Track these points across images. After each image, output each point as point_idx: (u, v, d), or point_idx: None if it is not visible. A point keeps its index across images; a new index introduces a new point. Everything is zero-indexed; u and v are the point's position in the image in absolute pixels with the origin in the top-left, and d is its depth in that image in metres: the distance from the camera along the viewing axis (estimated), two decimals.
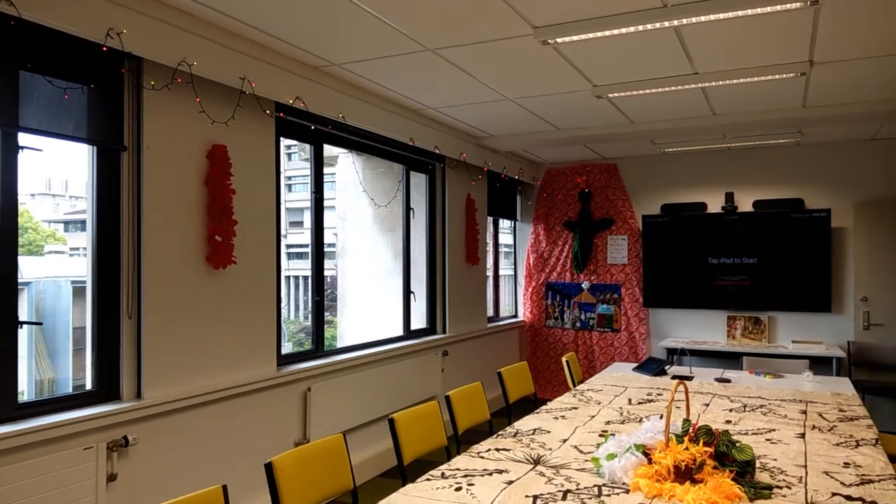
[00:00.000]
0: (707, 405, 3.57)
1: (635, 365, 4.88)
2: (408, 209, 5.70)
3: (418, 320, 5.81)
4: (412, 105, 4.94)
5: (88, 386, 3.03)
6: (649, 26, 3.18)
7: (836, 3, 3.01)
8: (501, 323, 7.26)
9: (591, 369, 7.18)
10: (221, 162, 3.43)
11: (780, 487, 2.23)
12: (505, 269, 8.00)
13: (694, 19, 3.08)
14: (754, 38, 3.48)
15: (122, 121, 3.05)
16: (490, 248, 7.34)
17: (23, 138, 2.70)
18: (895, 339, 5.96)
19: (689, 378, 4.39)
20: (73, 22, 2.64)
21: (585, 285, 7.39)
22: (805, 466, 2.47)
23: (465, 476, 2.38)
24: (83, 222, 3.09)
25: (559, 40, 3.36)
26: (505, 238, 8.03)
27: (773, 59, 3.83)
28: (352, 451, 4.47)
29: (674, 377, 4.42)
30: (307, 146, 4.55)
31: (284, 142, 4.16)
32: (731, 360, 6.14)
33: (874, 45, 3.57)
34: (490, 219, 7.21)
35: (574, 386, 4.53)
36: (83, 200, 3.10)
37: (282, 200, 4.06)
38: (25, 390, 2.74)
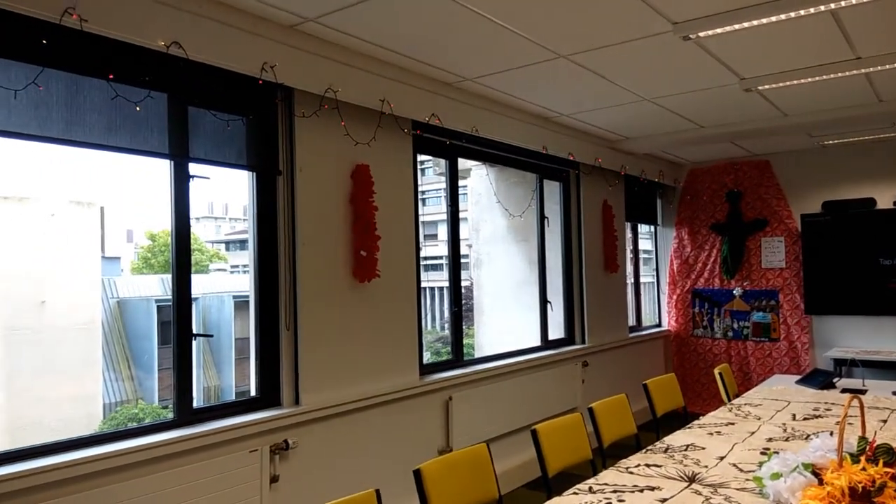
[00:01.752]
0: (885, 421, 3.21)
1: (798, 377, 4.49)
2: (542, 218, 5.65)
3: (556, 330, 5.73)
4: (545, 113, 4.91)
5: (252, 392, 3.29)
6: (802, 12, 2.94)
7: None
8: (644, 333, 6.98)
9: (747, 382, 6.68)
10: (364, 180, 3.61)
11: None
12: (646, 277, 7.68)
13: (854, 0, 2.80)
14: None
15: (276, 147, 3.30)
16: (629, 255, 7.08)
17: (193, 168, 3.00)
18: None
19: (863, 391, 3.97)
20: (233, 59, 2.91)
21: (737, 292, 6.91)
22: None
23: (615, 492, 2.30)
24: (242, 242, 3.39)
25: (701, 34, 3.20)
26: (645, 244, 7.72)
27: None
28: (494, 460, 4.49)
29: (844, 390, 4.03)
30: (442, 161, 4.66)
31: (419, 158, 4.29)
32: None
33: None
34: (628, 224, 6.97)
35: (729, 400, 4.24)
36: (241, 222, 3.40)
37: (419, 214, 4.18)
38: (195, 397, 3.03)
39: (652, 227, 7.58)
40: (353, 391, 3.55)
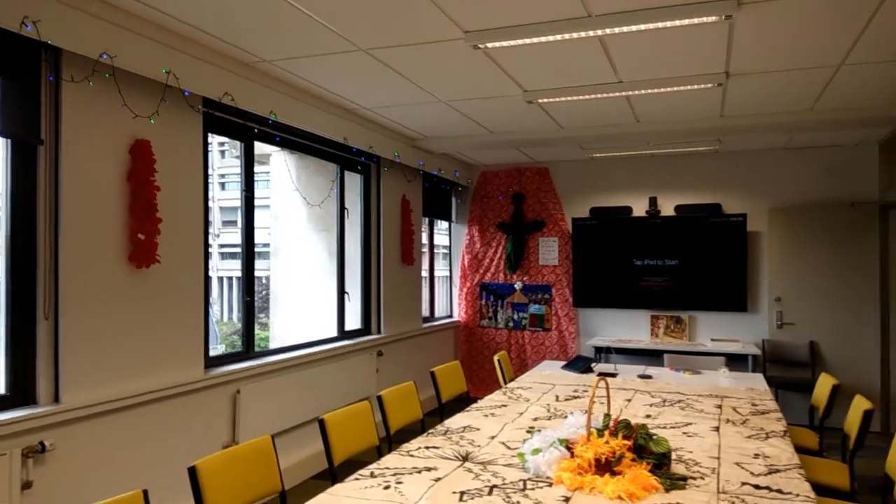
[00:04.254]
0: (629, 401, 3.72)
1: (564, 363, 5.02)
2: (342, 209, 5.67)
3: (353, 321, 5.78)
4: (346, 104, 4.93)
5: (1, 390, 2.89)
6: (575, 35, 3.29)
7: (748, 19, 3.19)
8: (437, 323, 7.31)
9: (524, 368, 7.33)
10: (145, 157, 3.33)
11: (695, 478, 2.35)
12: (441, 270, 8.06)
13: (616, 30, 3.20)
14: (674, 49, 3.65)
15: (38, 113, 2.92)
16: (426, 249, 7.38)
17: None
18: (805, 338, 6.35)
19: (614, 375, 4.55)
20: None
21: (518, 286, 7.54)
22: (718, 458, 2.61)
23: (395, 475, 2.40)
24: None
25: (489, 45, 3.43)
26: (441, 239, 8.09)
27: (691, 70, 4.02)
28: (285, 453, 4.43)
29: (599, 374, 4.57)
30: (238, 143, 4.46)
31: (216, 139, 4.06)
32: (653, 357, 6.40)
33: (785, 60, 3.80)
34: (426, 219, 7.25)
35: (505, 384, 4.62)
36: None
37: (211, 198, 3.97)
38: None
39: (448, 224, 7.96)
40: (127, 387, 3.27)
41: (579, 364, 4.85)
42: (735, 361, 5.90)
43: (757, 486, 2.27)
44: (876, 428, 5.98)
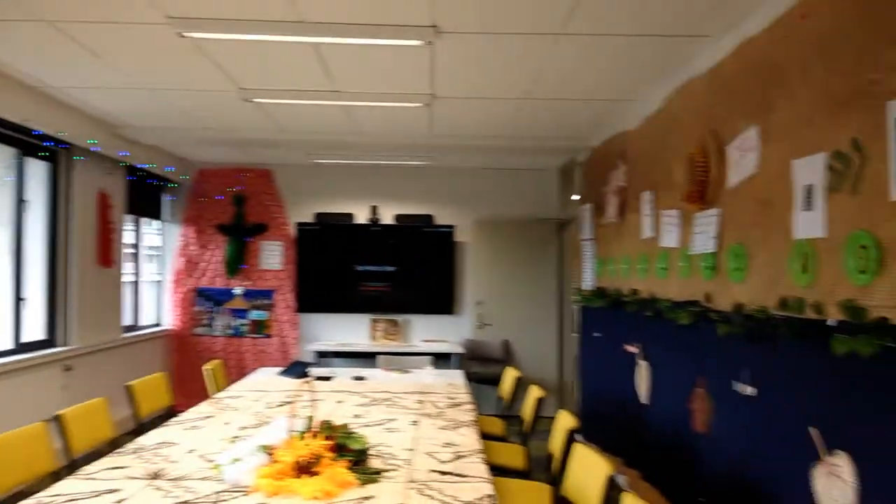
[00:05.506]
0: (341, 402, 3.81)
1: (281, 369, 4.96)
2: (20, 201, 4.85)
3: (34, 331, 4.97)
4: (26, 80, 4.24)
5: None
6: (287, 38, 3.29)
7: (447, 47, 3.49)
8: (142, 332, 6.66)
9: (243, 377, 7.03)
10: None
11: (389, 470, 2.49)
12: (150, 275, 7.35)
13: (327, 39, 3.27)
14: (385, 66, 3.85)
15: None
16: (131, 250, 6.67)
17: None
18: (500, 336, 7.17)
19: (329, 378, 4.63)
20: None
21: (238, 291, 7.24)
22: (413, 450, 2.80)
23: (70, 501, 2.12)
24: None
25: (196, 35, 3.25)
26: (153, 240, 7.39)
27: (402, 88, 4.29)
28: None
29: (317, 378, 4.60)
30: None
31: None
32: (372, 359, 6.64)
33: (481, 88, 4.26)
34: (131, 218, 6.56)
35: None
36: None
37: None
38: None
39: (160, 224, 7.31)
40: None
41: (296, 369, 4.83)
42: (442, 360, 6.43)
43: (442, 473, 2.49)
44: (551, 413, 6.99)
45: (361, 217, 7.33)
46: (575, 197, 6.42)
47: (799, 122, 2.57)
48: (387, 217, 7.32)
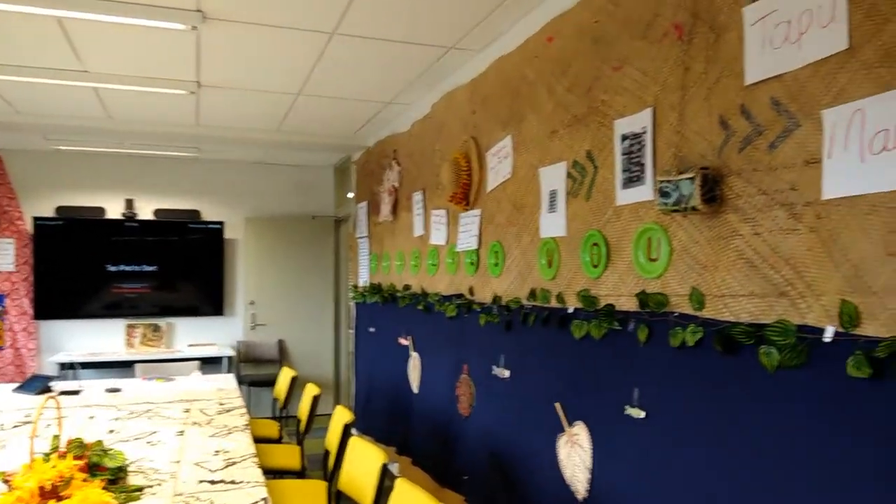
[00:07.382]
0: (93, 417, 3.44)
1: (16, 385, 4.31)
2: None
3: None
4: None
5: None
6: (25, 9, 2.87)
7: (214, 34, 3.32)
8: None
9: None
10: None
11: (152, 486, 2.32)
12: None
13: (76, 14, 2.93)
14: (145, 49, 3.55)
15: None
16: None
17: None
18: (275, 336, 6.99)
19: (77, 392, 4.14)
20: None
21: None
22: (179, 461, 2.63)
23: None
24: None
25: None
26: None
27: (164, 74, 3.97)
28: None
29: (62, 393, 4.09)
30: None
31: None
32: (128, 368, 6.05)
33: (252, 79, 4.12)
34: None
35: None
36: None
37: None
38: None
39: None
40: None
41: (35, 385, 4.22)
42: (211, 364, 6.09)
43: (213, 482, 2.38)
44: (329, 410, 7.02)
45: (115, 212, 6.62)
46: (350, 195, 6.51)
47: (545, 133, 2.92)
48: (146, 212, 6.71)
